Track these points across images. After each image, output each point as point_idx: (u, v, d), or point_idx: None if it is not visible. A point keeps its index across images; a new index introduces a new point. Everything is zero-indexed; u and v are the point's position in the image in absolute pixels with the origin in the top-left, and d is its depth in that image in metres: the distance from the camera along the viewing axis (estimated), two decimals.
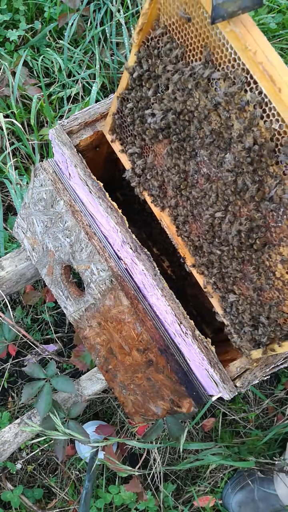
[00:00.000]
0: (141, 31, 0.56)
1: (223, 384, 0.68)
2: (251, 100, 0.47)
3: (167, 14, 0.53)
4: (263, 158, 0.49)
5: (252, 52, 0.44)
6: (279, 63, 0.44)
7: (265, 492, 1.14)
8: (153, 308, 0.76)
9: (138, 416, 0.93)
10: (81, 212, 0.79)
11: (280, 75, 0.44)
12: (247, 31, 0.44)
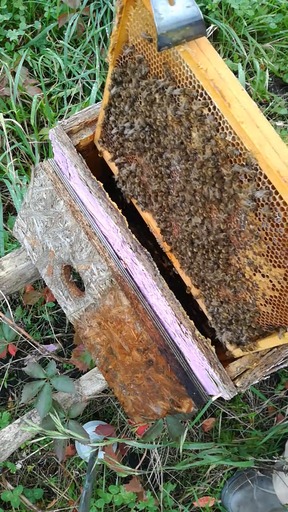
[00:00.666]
0: (113, 50, 0.60)
1: (223, 384, 0.68)
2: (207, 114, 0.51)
3: (134, 35, 0.57)
4: (221, 167, 0.52)
5: (204, 70, 0.48)
6: (231, 79, 0.47)
7: (264, 492, 1.14)
8: (153, 308, 0.76)
9: (138, 416, 0.93)
10: (81, 212, 0.79)
11: (231, 90, 0.47)
12: (200, 50, 0.48)
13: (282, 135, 1.49)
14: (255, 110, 0.47)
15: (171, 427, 0.96)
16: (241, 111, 0.47)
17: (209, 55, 0.48)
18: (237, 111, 0.47)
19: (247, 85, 1.63)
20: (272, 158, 0.46)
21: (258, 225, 0.51)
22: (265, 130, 0.47)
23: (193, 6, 0.44)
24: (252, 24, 1.71)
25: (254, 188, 0.49)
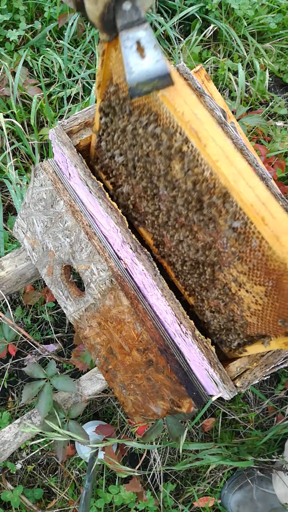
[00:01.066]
0: (99, 87, 0.63)
1: (223, 384, 0.68)
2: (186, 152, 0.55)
3: (117, 74, 0.59)
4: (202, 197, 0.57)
5: (181, 113, 0.51)
6: (206, 119, 0.51)
7: (263, 492, 1.14)
8: (153, 308, 0.76)
9: (138, 416, 0.93)
10: (81, 212, 0.79)
11: (206, 130, 0.51)
12: (177, 93, 0.51)
13: (282, 135, 1.49)
14: (230, 148, 0.51)
15: (171, 427, 0.96)
16: (216, 150, 0.51)
17: (185, 97, 0.51)
18: (212, 150, 0.51)
19: (247, 85, 1.63)
20: (246, 193, 0.50)
21: (239, 248, 0.56)
22: (239, 167, 0.51)
23: (162, 60, 0.47)
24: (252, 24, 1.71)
25: (232, 219, 0.54)
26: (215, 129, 0.51)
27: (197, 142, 0.52)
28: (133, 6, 0.48)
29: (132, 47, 0.48)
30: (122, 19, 0.48)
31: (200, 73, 0.82)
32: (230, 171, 0.50)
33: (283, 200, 0.76)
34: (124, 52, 0.48)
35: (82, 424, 1.15)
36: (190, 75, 0.78)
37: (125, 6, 0.48)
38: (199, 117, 0.51)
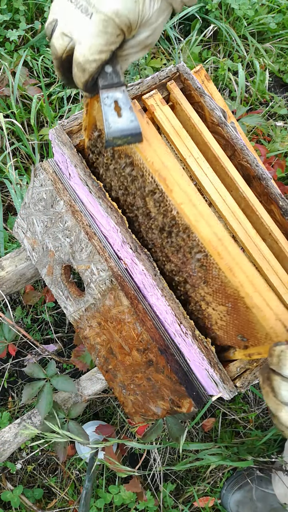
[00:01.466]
0: (86, 130, 0.70)
1: (223, 384, 0.68)
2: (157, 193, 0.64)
3: (100, 121, 0.67)
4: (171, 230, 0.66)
5: (151, 162, 0.60)
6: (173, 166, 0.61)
7: (263, 492, 1.14)
8: (153, 308, 0.76)
9: (138, 416, 0.93)
10: (81, 212, 0.79)
11: (173, 177, 0.60)
12: (148, 144, 0.60)
13: (282, 135, 1.49)
14: (193, 192, 0.60)
15: (171, 427, 0.96)
16: (180, 194, 0.60)
17: (155, 147, 0.61)
18: (177, 194, 0.60)
19: (247, 85, 1.63)
20: (205, 231, 0.60)
21: (204, 274, 0.65)
22: (200, 208, 0.60)
23: (135, 121, 0.56)
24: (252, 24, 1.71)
25: (197, 251, 0.64)
26: (180, 176, 0.60)
27: (165, 187, 0.61)
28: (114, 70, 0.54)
29: (111, 105, 0.55)
30: (104, 80, 0.55)
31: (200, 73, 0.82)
32: (192, 212, 0.59)
33: (283, 200, 0.76)
34: (103, 108, 0.55)
35: (82, 424, 1.15)
36: (190, 75, 0.78)
37: (107, 68, 0.54)
38: (166, 165, 0.60)
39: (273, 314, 0.58)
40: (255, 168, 0.77)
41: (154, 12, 0.52)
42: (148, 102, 0.75)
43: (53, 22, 0.53)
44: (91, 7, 0.49)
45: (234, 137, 0.77)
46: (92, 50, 0.50)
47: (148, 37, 0.54)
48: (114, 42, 0.51)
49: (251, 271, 0.59)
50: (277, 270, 0.70)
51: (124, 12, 0.49)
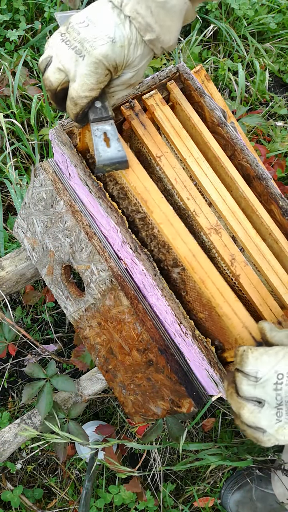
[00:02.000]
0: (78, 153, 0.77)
1: (223, 384, 0.68)
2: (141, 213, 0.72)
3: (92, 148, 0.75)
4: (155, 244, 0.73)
5: (134, 186, 0.68)
6: (154, 190, 0.68)
7: (263, 491, 1.14)
8: (153, 308, 0.76)
9: (138, 416, 0.93)
10: (81, 212, 0.79)
11: (153, 200, 0.68)
12: (132, 170, 0.68)
13: (282, 135, 1.49)
14: (171, 213, 0.68)
15: (171, 427, 0.96)
16: (160, 215, 0.68)
17: (138, 173, 0.68)
18: (157, 215, 0.68)
19: (247, 85, 1.63)
20: (181, 248, 0.67)
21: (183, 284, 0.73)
22: (177, 227, 0.68)
23: (122, 151, 0.64)
24: (252, 24, 1.71)
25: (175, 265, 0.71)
26: (160, 198, 0.68)
27: (147, 208, 0.68)
28: (103, 106, 0.62)
29: (101, 136, 0.63)
30: (94, 114, 0.62)
31: (200, 73, 0.82)
32: (170, 231, 0.67)
33: (283, 200, 0.76)
34: (94, 139, 0.63)
35: (82, 424, 1.15)
36: (190, 75, 0.78)
37: (97, 104, 0.61)
38: (148, 189, 0.68)
39: (240, 322, 0.65)
40: (255, 168, 0.77)
41: (137, 57, 0.59)
42: (148, 102, 0.75)
43: (48, 58, 0.60)
44: (84, 50, 0.57)
45: (234, 137, 0.77)
46: (83, 87, 0.58)
47: (131, 77, 0.62)
48: (103, 81, 0.58)
49: (221, 283, 0.66)
50: (277, 270, 0.71)
51: (112, 56, 0.57)
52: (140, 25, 0.57)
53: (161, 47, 0.60)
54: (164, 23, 0.58)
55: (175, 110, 0.78)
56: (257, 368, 0.53)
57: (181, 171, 0.72)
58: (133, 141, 0.79)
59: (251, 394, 0.53)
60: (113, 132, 0.63)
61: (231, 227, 0.72)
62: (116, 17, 0.57)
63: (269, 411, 0.53)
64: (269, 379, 0.52)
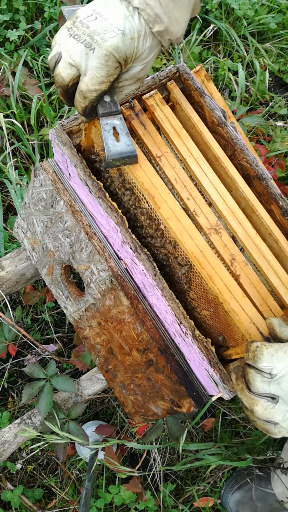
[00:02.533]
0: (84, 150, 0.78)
1: (223, 384, 0.68)
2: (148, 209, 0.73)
3: (97, 144, 0.75)
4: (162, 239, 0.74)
5: (141, 182, 0.68)
6: (161, 186, 0.68)
7: (263, 491, 1.14)
8: (153, 308, 0.76)
9: (138, 416, 0.93)
10: (81, 212, 0.79)
11: (160, 195, 0.68)
12: (139, 165, 0.68)
13: (282, 135, 1.49)
14: (178, 208, 0.67)
15: (171, 427, 0.96)
16: (167, 211, 0.67)
17: (145, 168, 0.68)
18: (164, 211, 0.67)
19: (247, 85, 1.63)
20: (188, 243, 0.67)
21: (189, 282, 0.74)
22: (184, 223, 0.67)
23: (132, 145, 0.63)
24: (252, 24, 1.71)
25: (182, 260, 0.71)
26: (167, 194, 0.68)
27: (154, 204, 0.68)
28: (112, 100, 0.62)
29: (110, 131, 0.63)
30: (103, 109, 0.62)
31: (200, 73, 0.82)
32: (177, 226, 0.67)
33: (283, 200, 0.76)
34: (103, 133, 0.63)
35: (82, 424, 1.15)
36: (190, 75, 0.78)
37: (106, 98, 0.62)
38: (155, 185, 0.68)
39: (248, 318, 0.65)
40: (255, 168, 0.77)
41: (146, 49, 0.59)
42: (148, 102, 0.75)
43: (57, 55, 0.59)
44: (94, 43, 0.56)
45: (234, 137, 0.77)
46: (94, 80, 0.57)
47: (140, 71, 0.62)
48: (113, 74, 0.58)
49: (228, 279, 0.66)
50: (277, 270, 0.71)
51: (123, 48, 0.56)
52: (149, 17, 0.57)
53: (169, 39, 0.60)
54: (173, 14, 0.58)
55: (175, 110, 0.78)
56: (272, 364, 0.52)
57: (181, 171, 0.72)
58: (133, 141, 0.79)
59: (265, 391, 0.53)
60: (122, 126, 0.63)
61: (231, 227, 0.72)
62: (125, 9, 0.57)
63: (283, 406, 0.53)
64: (284, 375, 0.52)
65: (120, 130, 0.63)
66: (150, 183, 0.68)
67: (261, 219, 0.74)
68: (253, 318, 0.65)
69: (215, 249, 0.71)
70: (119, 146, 0.63)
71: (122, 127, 0.63)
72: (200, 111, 0.79)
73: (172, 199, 0.68)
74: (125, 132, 0.63)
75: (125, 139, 0.63)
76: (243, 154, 0.77)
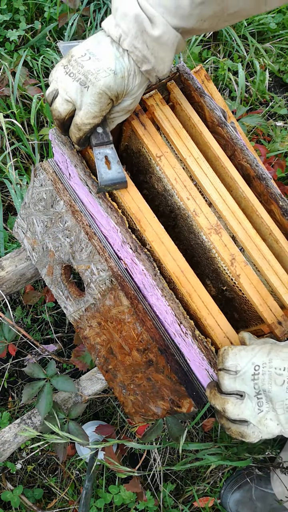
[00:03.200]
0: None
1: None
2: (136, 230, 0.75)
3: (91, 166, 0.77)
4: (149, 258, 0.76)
5: (128, 206, 0.72)
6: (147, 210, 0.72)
7: (262, 491, 1.14)
8: (153, 308, 0.76)
9: (138, 416, 0.93)
10: (81, 212, 0.79)
11: (146, 219, 0.71)
12: (127, 191, 0.72)
13: (282, 135, 1.49)
14: (162, 231, 0.71)
15: (171, 427, 0.96)
16: (152, 233, 0.71)
17: (132, 194, 0.72)
18: (149, 234, 0.71)
19: (247, 85, 1.63)
20: (170, 263, 0.71)
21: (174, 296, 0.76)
22: (167, 245, 0.71)
23: (122, 172, 0.69)
24: (252, 24, 1.71)
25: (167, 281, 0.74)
26: (152, 218, 0.72)
27: (140, 227, 0.72)
28: (104, 131, 0.67)
29: (102, 159, 0.68)
30: (96, 139, 0.67)
31: (200, 73, 0.82)
32: (161, 248, 0.71)
33: (283, 200, 0.76)
34: (96, 162, 0.68)
35: (82, 424, 1.15)
36: (190, 75, 0.78)
37: (99, 129, 0.67)
38: (141, 209, 0.72)
39: (222, 332, 0.70)
40: (255, 168, 0.77)
41: (135, 86, 0.65)
42: (148, 102, 0.75)
43: (54, 91, 0.65)
44: (88, 82, 0.62)
45: (234, 137, 0.77)
46: (88, 115, 0.64)
47: (130, 104, 0.67)
48: (105, 109, 0.64)
49: (206, 297, 0.71)
50: (277, 270, 0.71)
51: (114, 87, 0.62)
52: (137, 58, 0.62)
53: (156, 75, 0.65)
54: (159, 54, 0.62)
55: (175, 110, 0.78)
56: (236, 362, 0.58)
57: (181, 171, 0.72)
58: (133, 141, 0.79)
59: (232, 388, 0.58)
60: (113, 155, 0.68)
61: (231, 227, 0.72)
62: (116, 51, 0.62)
63: (250, 401, 0.57)
64: (247, 371, 0.57)
65: (112, 159, 0.68)
66: (136, 208, 0.71)
67: (261, 219, 0.74)
68: (227, 333, 0.70)
69: (215, 249, 0.71)
70: (111, 174, 0.68)
71: (114, 156, 0.68)
72: (200, 111, 0.79)
73: (157, 222, 0.72)
74: (116, 160, 0.68)
75: (116, 167, 0.68)
76: (243, 154, 0.77)
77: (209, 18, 0.61)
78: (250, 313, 0.77)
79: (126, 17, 0.60)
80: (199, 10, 0.59)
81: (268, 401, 0.56)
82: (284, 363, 0.54)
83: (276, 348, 0.57)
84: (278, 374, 0.54)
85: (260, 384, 0.56)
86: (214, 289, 0.84)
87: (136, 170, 0.85)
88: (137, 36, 0.61)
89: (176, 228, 0.84)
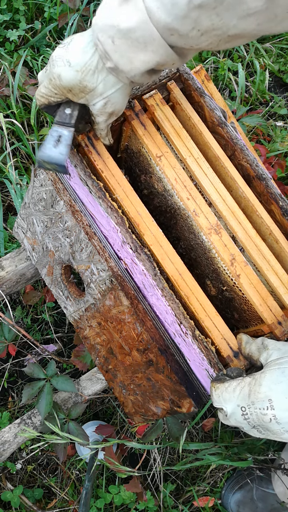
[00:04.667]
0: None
1: None
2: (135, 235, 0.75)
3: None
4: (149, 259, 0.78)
5: (128, 211, 0.73)
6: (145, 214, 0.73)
7: (263, 491, 1.14)
8: (153, 308, 0.76)
9: (138, 416, 0.93)
10: (81, 212, 0.79)
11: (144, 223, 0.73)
12: (127, 197, 0.73)
13: (282, 135, 1.49)
14: (160, 235, 0.72)
15: (171, 427, 0.96)
16: (151, 237, 0.72)
17: (131, 199, 0.73)
18: (148, 238, 0.72)
19: (247, 85, 1.63)
20: (169, 267, 0.72)
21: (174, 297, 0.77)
22: (165, 249, 0.72)
23: (64, 156, 0.66)
24: None
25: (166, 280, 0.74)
26: (151, 222, 0.73)
27: (139, 231, 0.73)
28: (71, 114, 0.66)
29: (54, 137, 0.66)
30: (59, 117, 0.67)
31: (200, 73, 0.82)
32: (159, 252, 0.72)
33: (283, 200, 0.76)
34: (48, 136, 0.66)
35: (82, 424, 1.15)
36: (190, 75, 0.78)
37: (67, 110, 0.66)
38: (140, 214, 0.73)
39: (220, 334, 0.71)
40: (255, 168, 0.77)
41: (99, 83, 0.60)
42: (148, 102, 0.75)
43: None
44: (49, 65, 0.63)
45: (234, 137, 0.77)
46: (38, 92, 0.66)
47: (104, 105, 0.64)
48: (52, 96, 0.65)
49: (204, 299, 0.72)
50: (277, 270, 0.71)
51: (66, 78, 0.61)
52: (101, 53, 0.57)
53: (126, 77, 0.59)
54: (126, 53, 0.56)
55: (175, 110, 0.78)
56: (221, 405, 0.60)
57: (181, 171, 0.72)
58: (133, 141, 0.79)
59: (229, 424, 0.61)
60: (67, 138, 0.66)
61: (231, 227, 0.72)
62: (87, 44, 0.59)
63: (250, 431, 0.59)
64: (236, 413, 0.59)
65: (64, 141, 0.67)
66: (135, 212, 0.73)
67: (261, 219, 0.74)
68: (225, 334, 0.71)
69: (215, 249, 0.71)
70: (53, 152, 0.66)
71: (67, 139, 0.66)
72: (200, 111, 0.79)
73: (155, 226, 0.73)
74: (67, 143, 0.66)
75: (62, 149, 0.66)
76: (243, 154, 0.77)
77: (207, 32, 0.52)
78: (250, 313, 0.77)
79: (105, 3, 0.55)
80: (196, 14, 0.51)
81: (265, 430, 0.57)
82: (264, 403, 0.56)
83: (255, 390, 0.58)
84: (263, 414, 0.56)
85: (252, 422, 0.58)
86: (214, 289, 0.84)
87: (137, 170, 0.85)
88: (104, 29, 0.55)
89: (176, 228, 0.84)
